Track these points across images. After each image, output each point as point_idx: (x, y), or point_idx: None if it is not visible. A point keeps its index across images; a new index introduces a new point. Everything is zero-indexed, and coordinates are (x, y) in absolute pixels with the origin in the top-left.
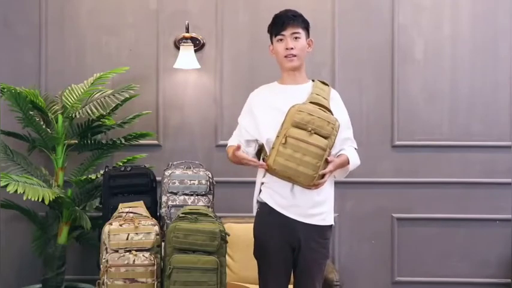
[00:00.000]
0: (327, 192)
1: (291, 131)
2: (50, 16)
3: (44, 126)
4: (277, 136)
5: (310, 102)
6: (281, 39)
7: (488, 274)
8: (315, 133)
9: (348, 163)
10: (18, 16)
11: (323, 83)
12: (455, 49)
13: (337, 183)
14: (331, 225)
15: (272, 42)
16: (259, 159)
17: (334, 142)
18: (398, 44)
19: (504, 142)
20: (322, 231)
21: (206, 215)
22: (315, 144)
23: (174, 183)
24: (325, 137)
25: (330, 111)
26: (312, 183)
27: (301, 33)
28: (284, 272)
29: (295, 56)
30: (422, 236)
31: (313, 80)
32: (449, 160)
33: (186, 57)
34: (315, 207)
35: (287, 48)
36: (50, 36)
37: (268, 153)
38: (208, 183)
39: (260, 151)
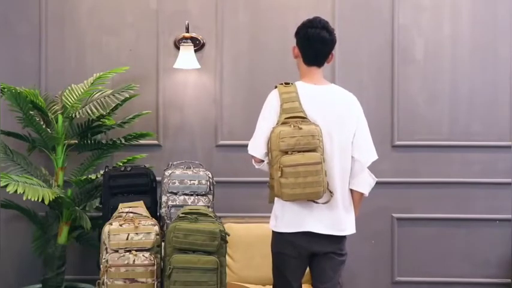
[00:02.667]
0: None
1: (283, 161)
2: (50, 16)
3: (44, 126)
4: (272, 165)
5: (285, 118)
6: None
7: (488, 274)
8: (305, 151)
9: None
10: (18, 16)
11: (285, 83)
12: (455, 49)
13: None
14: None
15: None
16: None
17: (323, 146)
18: (398, 44)
19: (504, 142)
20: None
21: (206, 215)
22: (311, 163)
23: (174, 183)
24: (315, 149)
25: (304, 118)
26: (323, 195)
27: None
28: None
29: None
30: (422, 236)
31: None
32: (449, 160)
33: (186, 57)
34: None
35: None
36: (50, 36)
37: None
38: (208, 183)
39: None
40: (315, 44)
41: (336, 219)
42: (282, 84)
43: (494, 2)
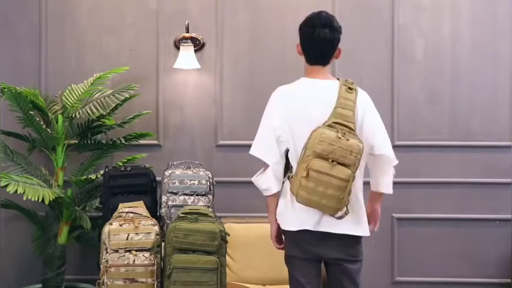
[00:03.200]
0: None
1: (313, 163)
2: (50, 16)
3: (44, 126)
4: (301, 163)
5: (334, 123)
6: None
7: (488, 274)
8: (338, 163)
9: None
10: (18, 15)
11: (349, 87)
12: (455, 49)
13: None
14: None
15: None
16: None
17: (357, 167)
18: (398, 44)
19: (504, 142)
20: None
21: (206, 215)
22: (338, 177)
23: (174, 183)
24: (348, 166)
25: (353, 130)
26: (336, 213)
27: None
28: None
29: None
30: (422, 236)
31: (338, 79)
32: (449, 160)
33: (186, 57)
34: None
35: None
36: (50, 36)
37: (293, 171)
38: (208, 183)
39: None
40: (313, 44)
41: (345, 220)
42: (345, 85)
43: (494, 2)
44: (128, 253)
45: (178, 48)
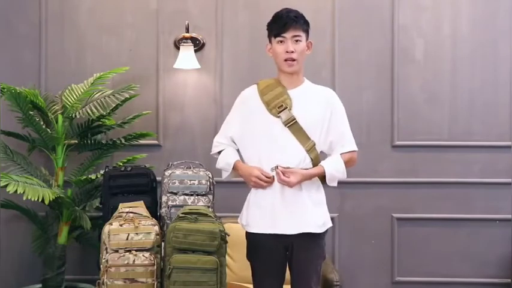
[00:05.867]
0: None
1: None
2: (50, 16)
3: (44, 126)
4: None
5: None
6: (281, 41)
7: (488, 274)
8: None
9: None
10: (18, 16)
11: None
12: (455, 49)
13: (337, 183)
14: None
15: (270, 41)
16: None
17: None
18: (398, 44)
19: (504, 142)
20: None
21: (206, 215)
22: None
23: (174, 183)
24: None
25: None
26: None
27: (302, 36)
28: (277, 272)
29: (294, 60)
30: (422, 236)
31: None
32: (449, 160)
33: (186, 57)
34: (309, 213)
35: (287, 52)
36: (50, 36)
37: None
38: (209, 183)
39: None
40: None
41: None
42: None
43: (494, 2)
44: (127, 253)
45: (178, 48)
